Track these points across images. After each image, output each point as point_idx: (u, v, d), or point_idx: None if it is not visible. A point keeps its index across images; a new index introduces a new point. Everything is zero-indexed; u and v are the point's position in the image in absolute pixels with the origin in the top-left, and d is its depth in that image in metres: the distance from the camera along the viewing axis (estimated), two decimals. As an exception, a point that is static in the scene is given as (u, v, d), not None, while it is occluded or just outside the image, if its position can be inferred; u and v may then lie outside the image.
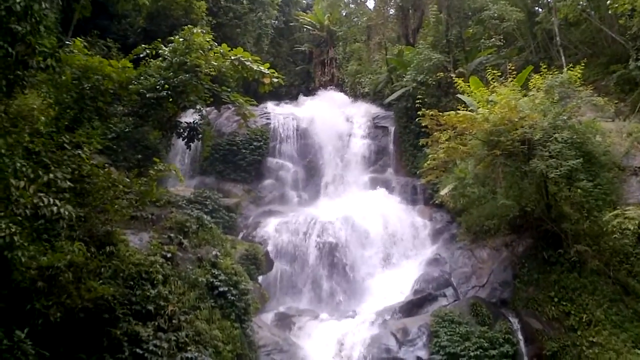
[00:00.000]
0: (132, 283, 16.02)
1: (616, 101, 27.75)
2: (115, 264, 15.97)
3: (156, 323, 15.65)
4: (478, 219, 24.20)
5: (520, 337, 20.41)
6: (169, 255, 18.01)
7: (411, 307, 22.94)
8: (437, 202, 28.17)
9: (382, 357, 20.65)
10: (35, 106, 16.20)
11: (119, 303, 15.20)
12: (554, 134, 20.21)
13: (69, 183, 13.23)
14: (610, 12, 30.64)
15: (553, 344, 19.45)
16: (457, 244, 26.76)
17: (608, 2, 27.47)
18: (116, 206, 16.16)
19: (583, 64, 24.77)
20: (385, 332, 21.56)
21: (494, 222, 23.60)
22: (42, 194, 11.91)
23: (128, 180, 16.76)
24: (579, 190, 20.61)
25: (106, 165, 17.32)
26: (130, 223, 18.92)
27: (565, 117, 21.00)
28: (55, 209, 11.85)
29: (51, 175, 12.62)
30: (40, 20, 12.18)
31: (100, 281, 15.03)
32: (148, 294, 15.93)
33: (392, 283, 25.93)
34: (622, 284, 20.02)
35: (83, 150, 15.47)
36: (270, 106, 41.67)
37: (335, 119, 40.08)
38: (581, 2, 35.00)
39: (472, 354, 19.39)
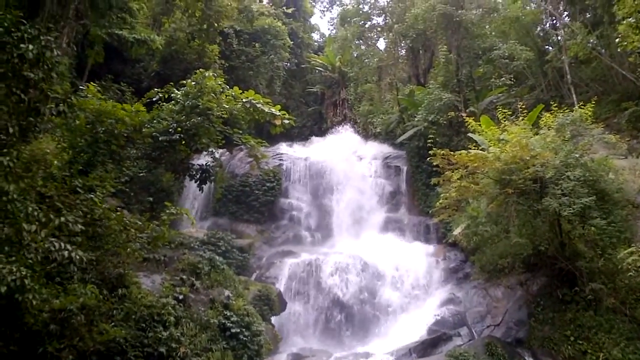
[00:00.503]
0: (144, 325, 16.01)
1: (628, 138, 27.77)
2: (128, 306, 16.01)
3: (168, 366, 15.61)
4: (492, 257, 24.00)
5: (537, 377, 20.11)
6: (181, 297, 18.01)
7: (426, 347, 22.64)
8: (450, 241, 28.07)
9: (398, 398, 20.46)
10: (49, 150, 16.43)
11: (131, 345, 15.21)
12: (566, 172, 20.13)
13: (80, 227, 13.31)
14: (619, 49, 30.78)
15: (571, 384, 19.22)
16: (471, 283, 26.60)
17: (617, 40, 27.59)
18: (128, 249, 16.22)
19: (594, 102, 24.83)
20: (400, 373, 21.37)
21: (508, 260, 23.39)
22: (53, 239, 12.01)
23: (140, 223, 16.82)
24: (592, 228, 20.43)
25: (119, 208, 17.41)
26: (143, 265, 18.98)
27: (577, 155, 20.92)
28: (66, 253, 11.94)
29: (62, 219, 12.71)
30: (52, 67, 12.42)
31: (112, 323, 15.09)
32: (160, 336, 15.90)
33: (406, 323, 25.72)
34: (638, 322, 19.63)
35: (96, 193, 15.62)
36: (282, 147, 42.02)
37: (347, 159, 40.23)
38: (591, 40, 35.19)
39: (488, 395, 19.16)
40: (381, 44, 50.77)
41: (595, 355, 19.20)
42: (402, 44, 45.95)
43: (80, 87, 21.48)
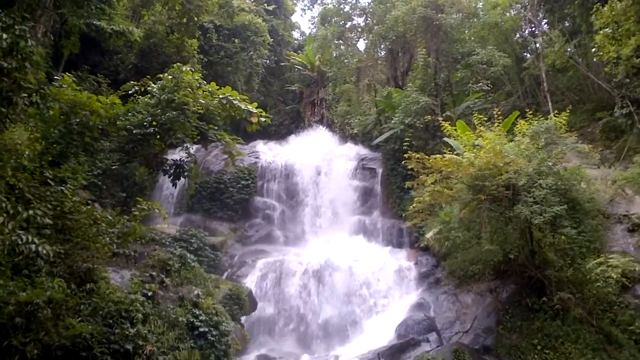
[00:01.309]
0: (111, 321, 15.91)
1: (601, 148, 28.05)
2: (95, 302, 15.90)
3: (134, 363, 15.49)
4: (462, 263, 24.12)
5: (503, 385, 20.20)
6: (149, 293, 17.91)
7: (394, 352, 22.58)
8: (422, 245, 28.14)
9: (365, 402, 20.44)
10: (20, 141, 16.23)
11: (97, 341, 15.09)
12: (539, 179, 20.19)
13: (48, 220, 13.16)
14: (596, 59, 31.08)
15: (536, 393, 19.34)
16: (441, 288, 26.62)
17: (594, 49, 27.83)
18: (98, 243, 16.07)
19: (569, 111, 25.01)
20: (367, 377, 21.35)
21: (479, 267, 23.54)
22: (21, 231, 11.84)
23: (111, 218, 16.67)
24: (563, 237, 20.62)
25: (89, 201, 17.25)
26: (112, 260, 18.88)
27: (550, 164, 21.02)
28: (33, 247, 11.76)
29: (31, 212, 12.54)
30: (26, 57, 12.26)
31: (79, 319, 14.97)
32: (127, 332, 15.79)
33: (375, 327, 25.68)
34: (605, 332, 19.84)
35: (67, 186, 15.46)
36: (258, 145, 41.99)
37: (323, 159, 40.20)
38: (568, 49, 35.48)
39: (454, 401, 19.22)
40: (361, 45, 50.82)
41: (562, 365, 19.37)
42: (382, 46, 45.96)
43: (56, 77, 21.20)
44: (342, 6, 47.12)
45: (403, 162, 26.03)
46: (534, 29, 41.37)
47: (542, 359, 19.74)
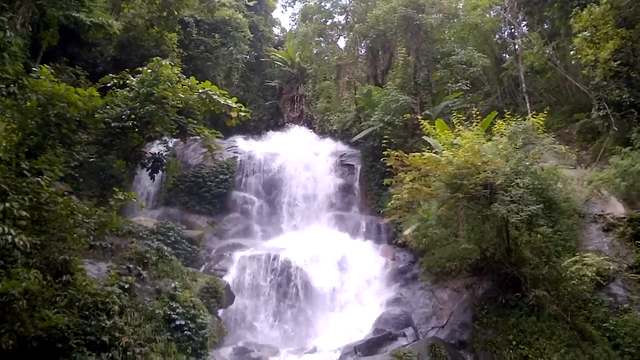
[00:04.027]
0: (87, 313, 15.80)
1: (578, 149, 28.33)
2: (71, 293, 15.77)
3: (110, 354, 15.38)
4: (439, 260, 24.23)
5: (478, 380, 20.34)
6: (126, 286, 17.82)
7: (371, 346, 22.73)
8: (400, 241, 28.23)
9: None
10: (-4, 133, 16.06)
11: (73, 333, 14.99)
12: (516, 179, 20.31)
13: (24, 212, 13.04)
14: (574, 62, 31.38)
15: (510, 388, 19.49)
16: (418, 284, 26.81)
17: (572, 52, 28.10)
18: (75, 235, 15.95)
19: (547, 112, 25.16)
20: (344, 371, 21.45)
21: (455, 263, 23.65)
22: (-4, 222, 11.76)
23: (87, 209, 16.55)
24: (539, 236, 20.71)
25: (66, 193, 17.11)
26: (89, 252, 18.73)
27: (527, 163, 21.15)
28: (9, 238, 11.68)
29: (7, 204, 12.44)
30: (4, 48, 12.16)
31: (55, 310, 14.82)
32: (103, 324, 15.70)
33: (353, 321, 25.86)
34: (579, 329, 20.06)
35: (43, 177, 15.32)
36: (237, 140, 41.90)
37: (302, 155, 40.28)
38: (547, 51, 35.77)
39: (430, 395, 19.34)
40: (341, 43, 50.88)
41: (536, 360, 19.54)
42: (362, 44, 46.08)
43: (34, 68, 20.98)
44: (323, 4, 47.18)
45: (382, 159, 26.19)
46: (513, 30, 41.77)
47: (517, 354, 19.87)
